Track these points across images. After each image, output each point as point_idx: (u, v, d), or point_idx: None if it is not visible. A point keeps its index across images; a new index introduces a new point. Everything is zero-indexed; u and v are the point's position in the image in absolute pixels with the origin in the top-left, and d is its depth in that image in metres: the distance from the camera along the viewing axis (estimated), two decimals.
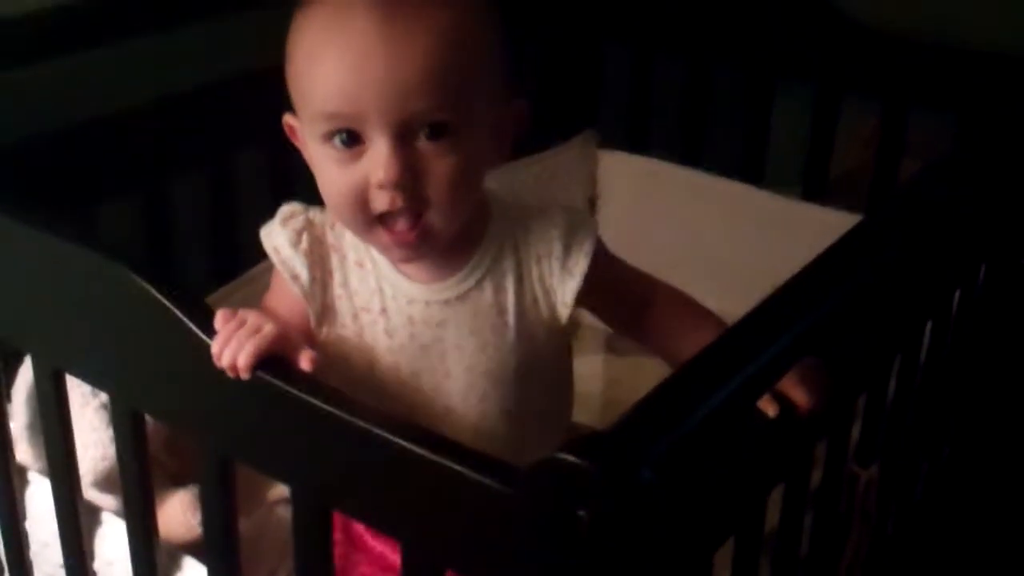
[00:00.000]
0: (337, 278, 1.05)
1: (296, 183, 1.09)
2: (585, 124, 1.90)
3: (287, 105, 1.07)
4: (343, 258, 1.06)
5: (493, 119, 1.00)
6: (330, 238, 1.06)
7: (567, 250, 1.06)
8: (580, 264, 1.06)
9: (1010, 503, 1.58)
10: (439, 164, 0.96)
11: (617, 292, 1.13)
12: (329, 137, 0.97)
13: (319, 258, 1.05)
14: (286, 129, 1.06)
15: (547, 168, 1.81)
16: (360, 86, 0.93)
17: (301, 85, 0.99)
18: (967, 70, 1.61)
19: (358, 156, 0.96)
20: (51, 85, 1.33)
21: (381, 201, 0.97)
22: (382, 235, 1.00)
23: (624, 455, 0.73)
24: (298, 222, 1.05)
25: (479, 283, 1.05)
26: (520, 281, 1.06)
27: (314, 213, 1.06)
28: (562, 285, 1.06)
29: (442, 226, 0.99)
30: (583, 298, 1.08)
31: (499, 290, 1.06)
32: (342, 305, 1.05)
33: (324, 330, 1.05)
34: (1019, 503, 1.58)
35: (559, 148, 1.84)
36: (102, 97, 1.36)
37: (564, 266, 1.06)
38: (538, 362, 1.08)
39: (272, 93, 1.03)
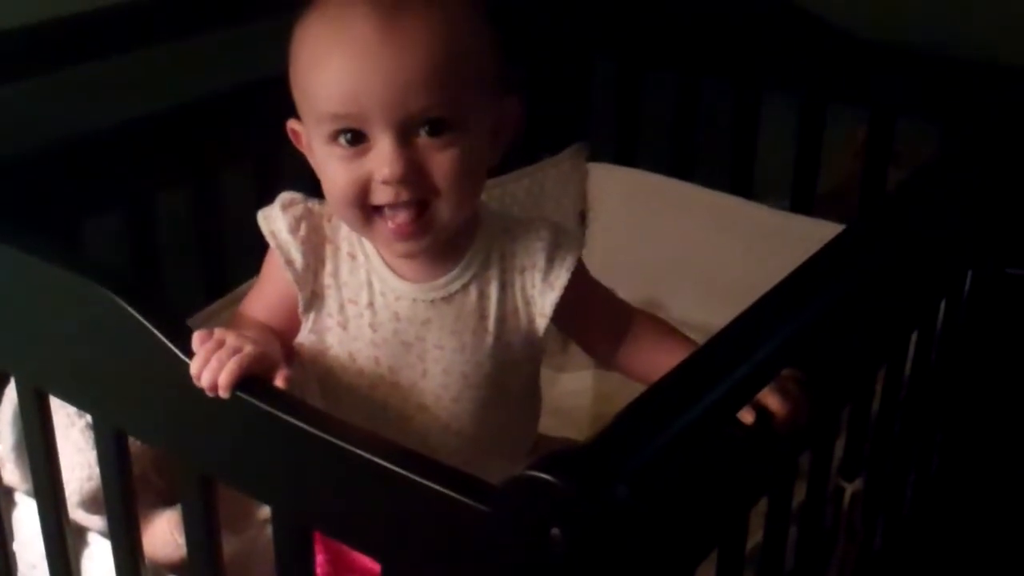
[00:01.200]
0: (328, 268, 1.08)
1: None
2: (575, 137, 1.90)
3: (272, 120, 1.08)
4: (336, 249, 1.09)
5: (490, 115, 1.04)
6: (326, 230, 1.09)
7: (550, 263, 1.10)
8: (561, 278, 1.09)
9: (1001, 515, 1.58)
10: (441, 156, 1.00)
11: (594, 313, 1.16)
12: (334, 137, 1.01)
13: (313, 246, 1.08)
14: (289, 134, 1.09)
15: (538, 181, 1.81)
16: (362, 88, 0.97)
17: (306, 89, 1.02)
18: (952, 79, 1.61)
19: (363, 153, 1.00)
20: (34, 102, 1.34)
21: (384, 194, 1.00)
22: (382, 227, 1.03)
23: (597, 471, 0.73)
24: (298, 210, 1.08)
25: (465, 287, 1.08)
26: (503, 289, 1.10)
27: (313, 203, 1.09)
28: (543, 297, 1.10)
29: (446, 217, 1.02)
30: (562, 317, 1.11)
31: (483, 296, 1.09)
32: (330, 295, 1.08)
33: (311, 317, 1.08)
34: (1011, 515, 1.58)
35: (549, 161, 1.85)
36: (85, 114, 1.36)
37: (546, 279, 1.10)
38: (511, 369, 1.11)
39: (256, 109, 1.04)
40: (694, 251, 1.79)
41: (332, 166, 1.02)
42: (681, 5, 1.84)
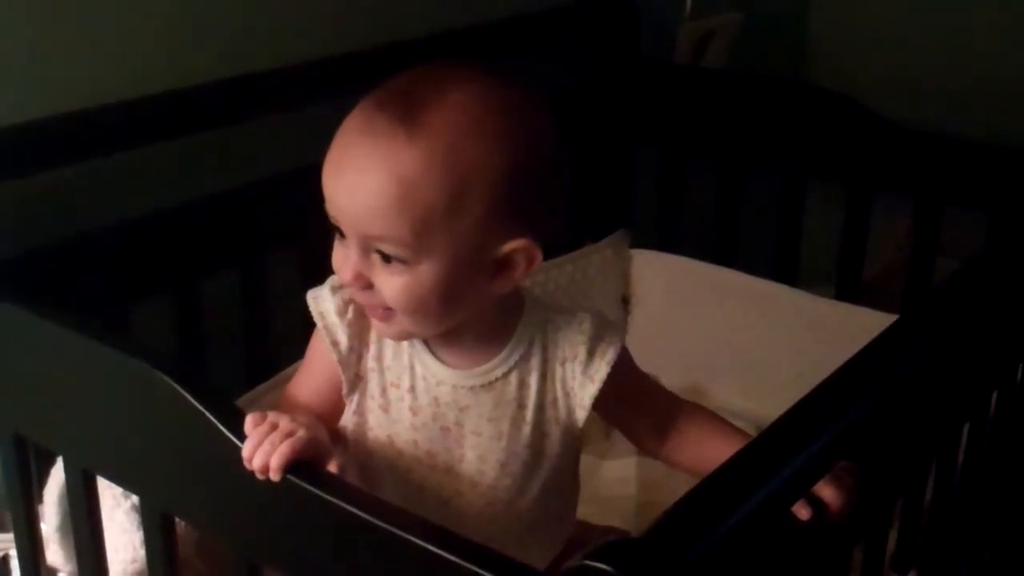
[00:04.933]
0: (372, 351, 1.09)
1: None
2: (618, 223, 1.91)
3: (317, 205, 1.09)
4: None
5: (473, 254, 1.01)
6: None
7: (590, 356, 1.10)
8: (600, 371, 1.09)
9: None
10: (389, 281, 1.01)
11: (638, 405, 1.16)
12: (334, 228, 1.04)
13: (359, 330, 1.09)
14: None
15: (580, 268, 1.82)
16: (336, 196, 1.00)
17: None
18: (999, 167, 1.61)
19: (346, 246, 1.03)
20: (84, 187, 1.36)
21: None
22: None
23: (653, 563, 0.73)
24: (346, 293, 1.09)
25: (506, 375, 1.09)
26: (543, 379, 1.10)
27: None
28: (582, 389, 1.10)
29: (412, 328, 1.04)
30: (605, 408, 1.11)
31: (523, 385, 1.09)
32: (373, 378, 1.09)
33: (354, 399, 1.09)
34: None
35: (593, 248, 1.86)
36: (135, 198, 1.38)
37: (585, 372, 1.10)
38: (549, 457, 1.11)
39: (302, 193, 1.05)
40: (737, 338, 1.79)
41: (335, 246, 1.05)
42: (725, 91, 1.86)
